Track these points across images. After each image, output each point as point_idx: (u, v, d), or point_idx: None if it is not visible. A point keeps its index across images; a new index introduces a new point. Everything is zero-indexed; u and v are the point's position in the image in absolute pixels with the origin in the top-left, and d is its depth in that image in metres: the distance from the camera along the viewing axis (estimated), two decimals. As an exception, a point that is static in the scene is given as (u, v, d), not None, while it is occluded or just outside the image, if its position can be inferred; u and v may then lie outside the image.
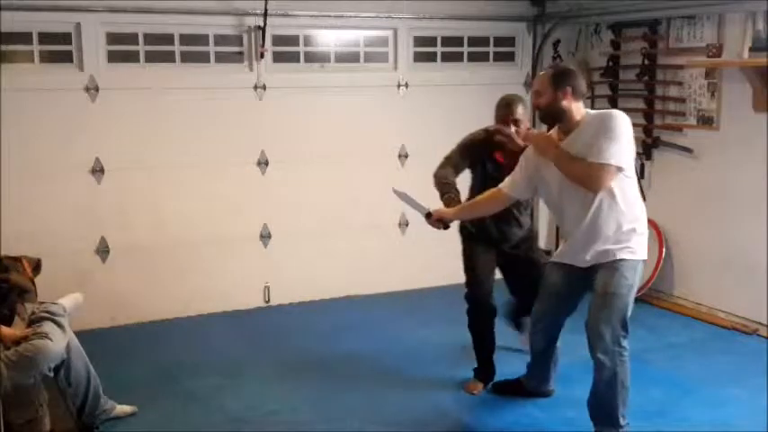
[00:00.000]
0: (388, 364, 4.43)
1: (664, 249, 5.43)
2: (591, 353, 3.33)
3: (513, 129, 3.75)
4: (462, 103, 5.81)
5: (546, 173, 3.42)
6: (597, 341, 3.29)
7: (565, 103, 3.28)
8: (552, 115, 3.35)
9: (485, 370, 4.13)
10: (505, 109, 3.80)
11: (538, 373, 3.90)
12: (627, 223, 3.29)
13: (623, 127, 3.20)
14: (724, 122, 5.03)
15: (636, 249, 3.32)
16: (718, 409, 3.84)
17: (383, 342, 4.82)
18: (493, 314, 4.08)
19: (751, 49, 4.77)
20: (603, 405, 3.39)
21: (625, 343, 3.32)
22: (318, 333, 5.02)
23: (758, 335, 4.84)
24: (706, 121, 5.14)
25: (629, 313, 3.32)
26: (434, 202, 3.82)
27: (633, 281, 3.31)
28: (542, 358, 3.84)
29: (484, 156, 3.92)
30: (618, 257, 3.28)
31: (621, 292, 3.27)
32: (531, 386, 3.94)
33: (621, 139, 3.18)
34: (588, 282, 3.40)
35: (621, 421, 3.39)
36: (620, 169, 3.20)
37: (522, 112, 3.80)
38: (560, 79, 3.29)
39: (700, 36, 5.12)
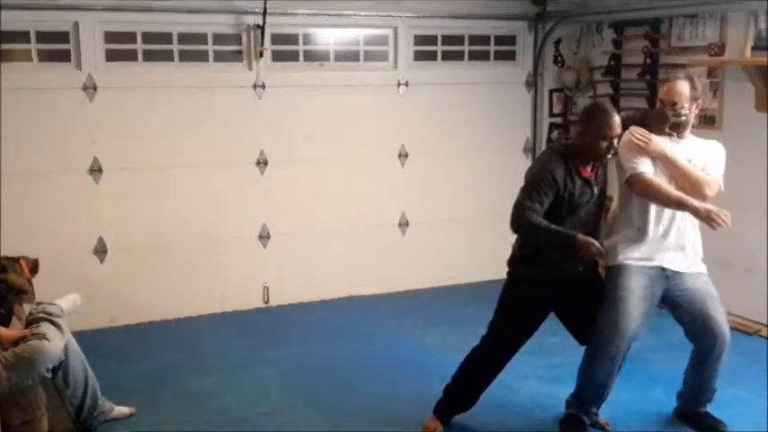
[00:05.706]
0: (388, 364, 4.41)
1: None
2: (705, 339, 3.47)
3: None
4: (463, 102, 5.80)
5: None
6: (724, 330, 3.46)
7: (695, 113, 3.48)
8: (685, 126, 3.47)
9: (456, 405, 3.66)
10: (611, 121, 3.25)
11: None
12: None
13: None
14: (726, 122, 5.01)
15: None
16: (719, 410, 3.80)
17: (383, 342, 4.80)
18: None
19: (753, 48, 4.75)
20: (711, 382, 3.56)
21: None
22: (318, 333, 5.01)
23: (759, 335, 4.82)
24: (708, 121, 5.11)
25: None
26: (436, 203, 3.81)
27: None
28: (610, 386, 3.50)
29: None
30: (702, 270, 3.57)
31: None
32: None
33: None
34: (666, 289, 3.47)
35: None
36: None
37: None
38: (695, 91, 3.44)
39: (702, 35, 5.11)
